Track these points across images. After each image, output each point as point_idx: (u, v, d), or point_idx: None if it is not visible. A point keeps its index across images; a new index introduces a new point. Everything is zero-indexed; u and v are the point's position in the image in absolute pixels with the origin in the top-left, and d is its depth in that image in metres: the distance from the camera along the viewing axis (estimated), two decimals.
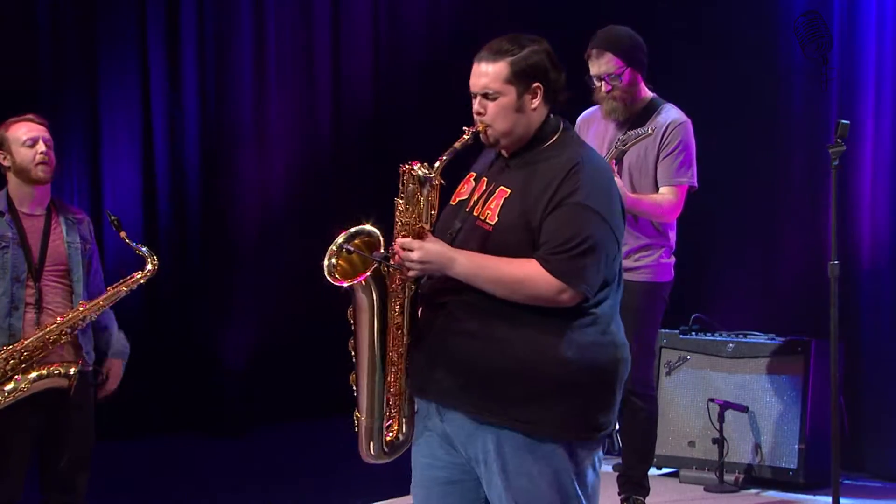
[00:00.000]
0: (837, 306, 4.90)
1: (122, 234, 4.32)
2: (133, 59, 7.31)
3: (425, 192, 3.03)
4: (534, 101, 3.05)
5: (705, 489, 5.74)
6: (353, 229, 3.12)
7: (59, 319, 4.19)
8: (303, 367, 7.52)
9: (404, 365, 3.11)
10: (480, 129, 3.07)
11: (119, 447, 6.50)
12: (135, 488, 6.19)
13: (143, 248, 4.34)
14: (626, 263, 4.93)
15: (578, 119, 5.16)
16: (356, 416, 3.16)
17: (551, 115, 3.11)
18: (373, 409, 3.13)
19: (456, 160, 3.11)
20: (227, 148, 7.62)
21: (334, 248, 3.10)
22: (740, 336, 5.98)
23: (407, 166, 3.05)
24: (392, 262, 3.03)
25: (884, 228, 6.05)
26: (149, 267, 4.32)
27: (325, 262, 3.08)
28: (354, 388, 3.16)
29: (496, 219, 3.01)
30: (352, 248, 3.08)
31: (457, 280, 2.99)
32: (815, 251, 6.17)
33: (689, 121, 4.96)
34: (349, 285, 3.04)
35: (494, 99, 3.04)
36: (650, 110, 4.94)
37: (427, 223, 3.04)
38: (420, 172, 3.03)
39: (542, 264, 2.93)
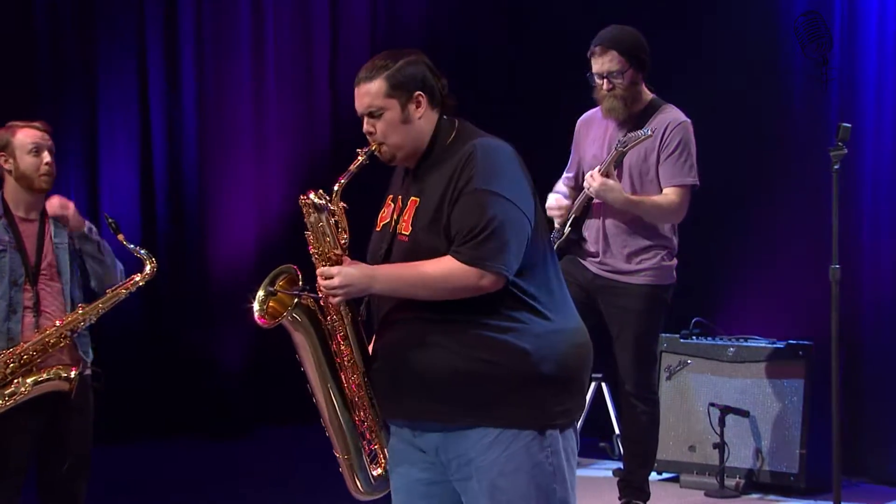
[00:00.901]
0: (839, 310, 4.88)
1: (120, 237, 4.30)
2: (131, 61, 7.31)
3: (324, 217, 3.05)
4: (418, 109, 3.07)
5: (706, 494, 5.72)
6: (273, 272, 3.15)
7: (58, 322, 4.17)
8: (299, 369, 7.49)
9: (368, 395, 3.13)
10: (374, 147, 3.10)
11: (118, 451, 6.49)
12: (134, 492, 6.17)
13: (142, 251, 4.32)
14: (626, 266, 4.93)
15: (578, 121, 5.15)
16: (336, 455, 3.19)
17: (444, 118, 3.13)
18: (347, 445, 3.16)
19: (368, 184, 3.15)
20: (226, 149, 7.61)
21: (261, 293, 3.13)
22: (741, 340, 5.96)
23: (303, 196, 3.09)
24: (317, 293, 3.05)
25: (885, 232, 6.03)
26: (147, 269, 4.30)
27: (255, 309, 3.13)
28: (324, 427, 3.18)
29: (410, 228, 3.04)
30: (275, 290, 3.11)
31: (395, 298, 3.02)
32: (817, 254, 6.15)
33: (689, 121, 4.95)
34: (276, 324, 3.08)
35: (380, 116, 3.07)
36: (650, 111, 4.93)
37: (338, 248, 3.06)
38: (317, 201, 3.06)
39: (455, 257, 2.95)
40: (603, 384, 6.48)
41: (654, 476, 5.49)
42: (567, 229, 5.01)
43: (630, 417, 5.08)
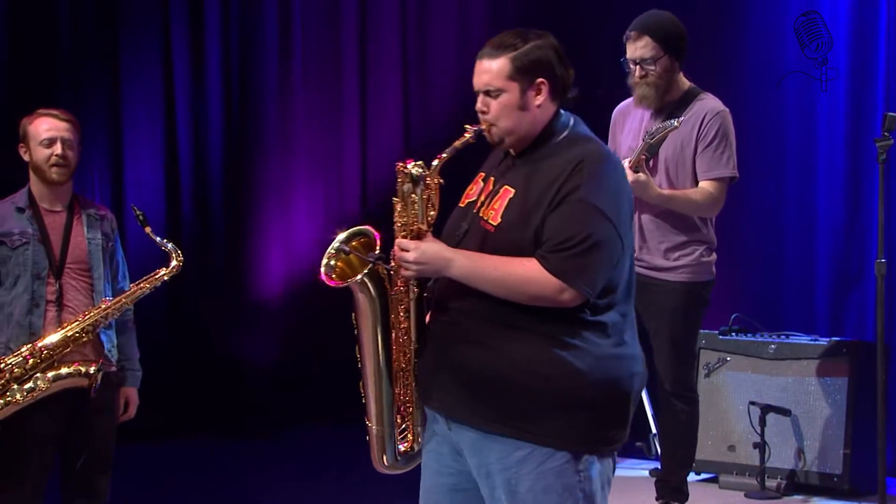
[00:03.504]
0: (884, 305, 4.78)
1: (147, 230, 4.24)
2: (155, 53, 7.30)
3: (419, 191, 2.97)
4: (538, 97, 2.98)
5: (746, 495, 5.64)
6: (350, 230, 3.08)
7: (80, 317, 4.11)
8: (328, 368, 7.45)
9: (413, 371, 3.07)
10: (484, 127, 3.01)
11: (142, 449, 6.47)
12: (161, 491, 6.15)
13: (169, 244, 4.26)
14: (664, 262, 4.84)
15: (614, 111, 5.05)
16: (366, 423, 3.13)
17: (561, 112, 3.03)
18: (381, 416, 3.11)
19: (464, 161, 3.04)
20: (252, 142, 7.59)
21: (332, 249, 3.07)
22: (782, 337, 5.86)
23: (401, 164, 3.00)
24: (390, 264, 2.99)
25: None
26: (173, 263, 4.24)
27: (323, 263, 3.05)
28: (363, 393, 3.12)
29: (499, 219, 2.95)
30: (349, 249, 3.05)
31: (465, 286, 2.93)
32: (858, 248, 6.06)
33: (727, 110, 4.83)
34: (343, 286, 3.00)
35: (497, 96, 2.98)
36: (687, 100, 4.82)
37: (424, 224, 2.98)
38: (414, 171, 2.97)
39: (541, 263, 2.86)
40: None
41: (692, 476, 5.41)
42: None
43: (668, 417, 5.00)
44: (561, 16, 7.04)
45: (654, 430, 6.17)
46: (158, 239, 4.24)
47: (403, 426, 3.12)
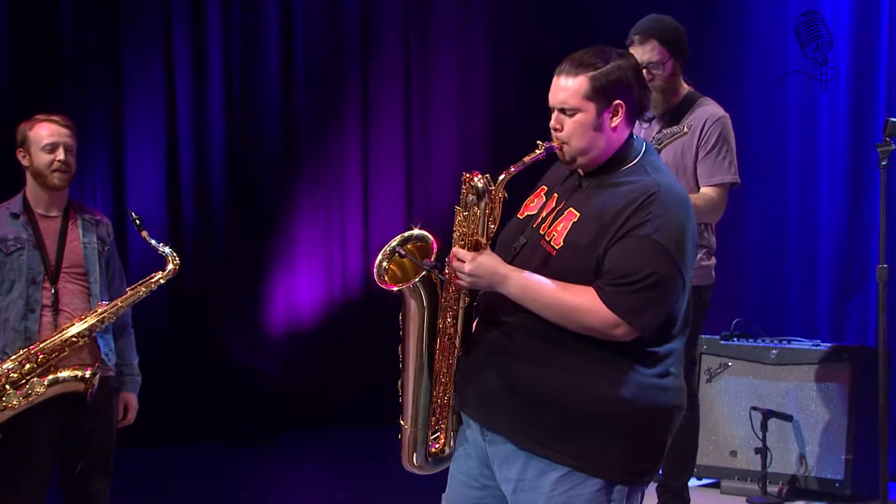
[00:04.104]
0: (886, 311, 4.75)
1: (144, 234, 4.24)
2: (157, 57, 7.30)
3: (482, 204, 2.92)
4: (614, 119, 2.92)
5: (748, 500, 5.60)
6: (406, 233, 3.07)
7: (77, 321, 4.10)
8: (332, 373, 7.45)
9: (453, 377, 3.03)
10: (556, 144, 2.95)
11: (142, 454, 6.48)
12: (162, 496, 6.15)
13: (166, 249, 4.25)
14: None
15: None
16: (400, 423, 3.11)
17: (634, 136, 2.98)
18: (417, 417, 3.09)
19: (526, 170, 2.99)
20: (253, 146, 7.57)
21: (388, 250, 3.04)
22: (784, 342, 5.83)
23: (468, 175, 2.94)
24: (444, 272, 2.96)
25: None
26: (169, 267, 4.23)
27: (377, 264, 3.02)
28: (400, 393, 3.10)
29: (561, 242, 2.89)
30: (404, 252, 3.03)
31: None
32: (860, 253, 6.04)
33: (727, 115, 4.81)
34: (397, 290, 2.98)
35: (572, 115, 2.92)
36: (687, 105, 4.80)
37: (484, 236, 2.93)
38: (479, 184, 2.92)
39: (598, 294, 2.82)
40: None
41: (694, 481, 5.39)
42: None
43: None
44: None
45: None
46: (154, 243, 4.23)
47: (436, 428, 3.10)
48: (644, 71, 4.69)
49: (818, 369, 5.63)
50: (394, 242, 3.04)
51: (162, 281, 4.22)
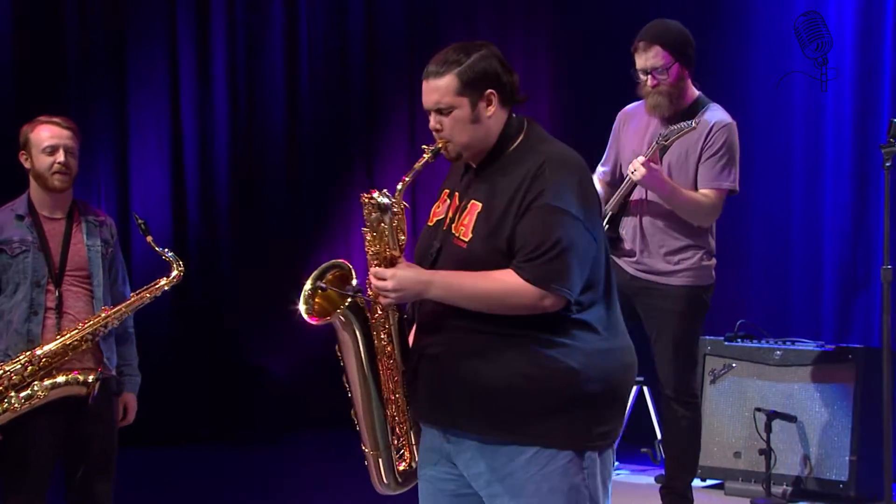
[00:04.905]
0: (890, 312, 4.75)
1: (149, 239, 4.23)
2: (162, 59, 7.30)
3: (387, 218, 2.98)
4: (489, 108, 2.99)
5: (752, 502, 5.60)
6: (322, 266, 3.09)
7: (80, 325, 4.09)
8: (335, 374, 7.42)
9: (403, 393, 3.08)
10: (440, 145, 3.01)
11: (147, 455, 6.48)
12: (161, 497, 6.15)
13: (170, 254, 4.25)
14: (665, 266, 4.83)
15: (620, 112, 5.04)
16: (363, 449, 3.15)
17: (513, 116, 3.03)
18: (376, 440, 3.14)
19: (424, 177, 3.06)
20: (258, 149, 7.57)
21: (307, 291, 3.06)
22: (788, 343, 5.83)
23: (367, 195, 3.00)
24: (367, 294, 3.00)
25: None
26: (174, 273, 4.23)
27: (301, 307, 3.04)
28: (356, 421, 3.14)
29: (470, 235, 2.96)
30: (325, 286, 3.05)
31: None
32: (864, 254, 6.03)
33: (734, 122, 4.83)
34: (326, 322, 3.00)
35: (449, 113, 2.98)
36: (695, 109, 4.82)
37: (396, 249, 2.99)
38: (381, 200, 2.98)
39: (517, 273, 2.87)
40: (645, 388, 6.40)
41: (697, 483, 5.39)
42: (604, 227, 4.89)
43: (671, 422, 4.98)
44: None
45: (659, 437, 6.15)
46: (159, 249, 4.23)
47: (399, 446, 3.14)
48: (649, 76, 4.74)
49: (822, 370, 5.64)
50: (311, 280, 3.06)
51: (167, 287, 4.22)
